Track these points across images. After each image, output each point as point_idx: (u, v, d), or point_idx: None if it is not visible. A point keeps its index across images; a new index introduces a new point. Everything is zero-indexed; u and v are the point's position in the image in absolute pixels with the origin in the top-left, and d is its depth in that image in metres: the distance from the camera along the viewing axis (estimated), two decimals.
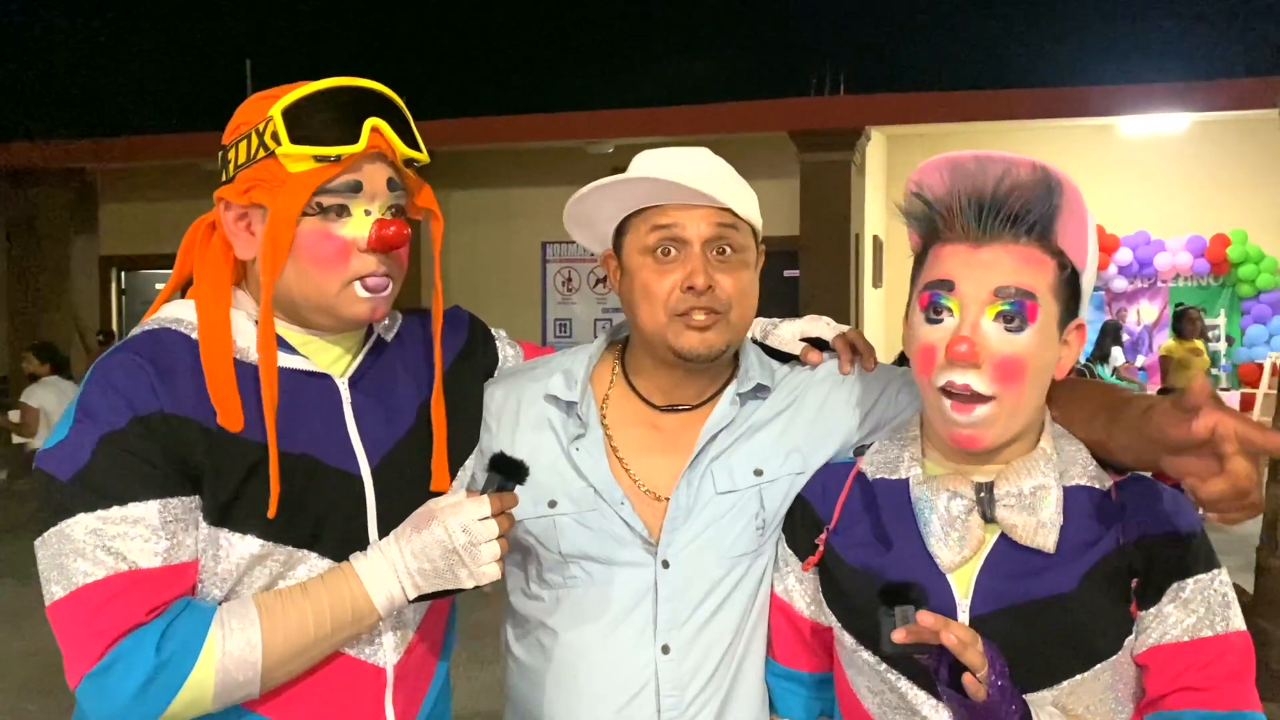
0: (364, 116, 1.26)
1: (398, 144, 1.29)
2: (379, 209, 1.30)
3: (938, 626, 1.11)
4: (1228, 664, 1.21)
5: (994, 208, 1.22)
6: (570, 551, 1.44)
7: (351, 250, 1.28)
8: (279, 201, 1.25)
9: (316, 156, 1.24)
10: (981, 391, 1.21)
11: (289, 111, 1.25)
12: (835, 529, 1.37)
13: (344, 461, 1.31)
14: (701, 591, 1.42)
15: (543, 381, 1.51)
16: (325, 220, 1.27)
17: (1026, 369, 1.21)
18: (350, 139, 1.25)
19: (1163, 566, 1.22)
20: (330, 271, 1.28)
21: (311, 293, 1.29)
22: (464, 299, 7.92)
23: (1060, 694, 1.22)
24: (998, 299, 1.21)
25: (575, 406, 1.48)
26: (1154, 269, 11.47)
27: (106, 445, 1.17)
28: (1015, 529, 1.24)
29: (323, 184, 1.25)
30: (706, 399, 1.49)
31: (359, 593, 1.24)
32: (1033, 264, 1.22)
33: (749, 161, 8.77)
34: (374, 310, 1.32)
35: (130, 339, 1.29)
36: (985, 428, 1.23)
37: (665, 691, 1.40)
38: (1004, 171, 1.22)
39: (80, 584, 1.14)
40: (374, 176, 1.29)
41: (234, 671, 1.17)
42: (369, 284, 1.29)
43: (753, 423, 1.48)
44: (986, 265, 1.22)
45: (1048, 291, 1.22)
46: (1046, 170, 1.21)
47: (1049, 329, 1.23)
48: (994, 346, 1.21)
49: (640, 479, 1.46)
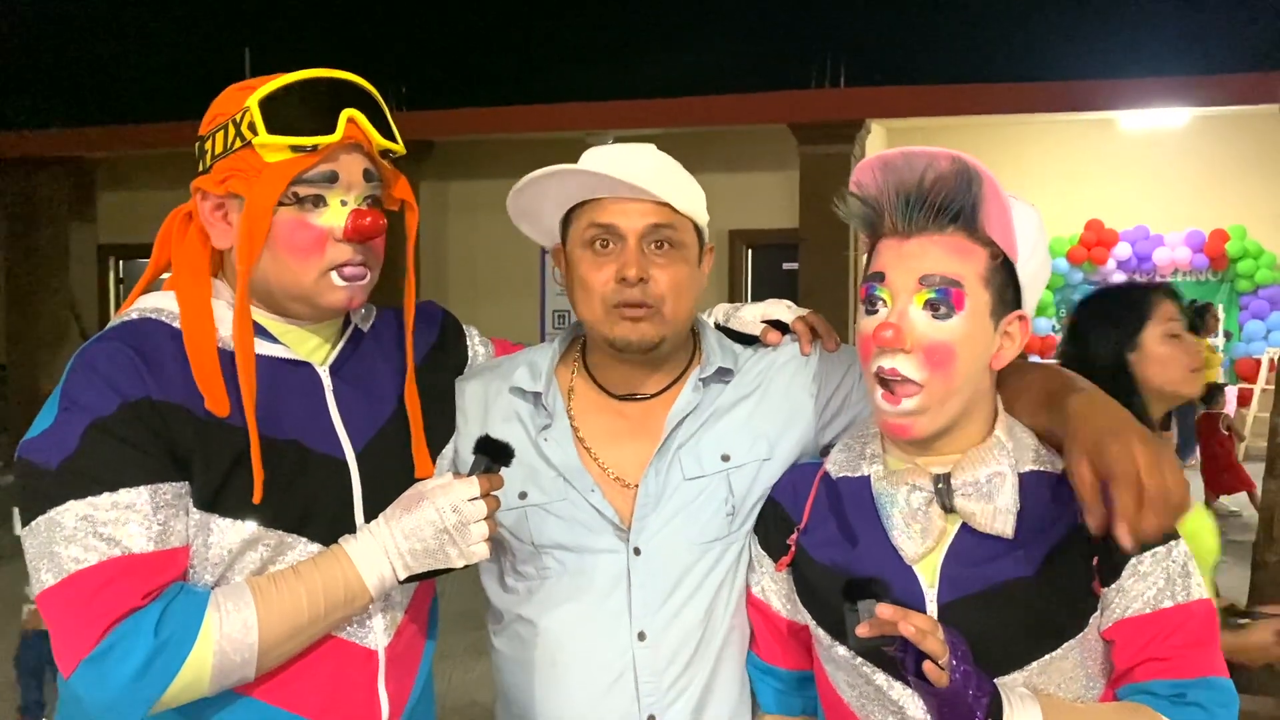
0: (340, 107, 1.28)
1: (374, 134, 1.31)
2: (355, 199, 1.31)
3: (896, 618, 1.13)
4: (1190, 632, 1.25)
5: (919, 200, 1.26)
6: (543, 542, 1.46)
7: (328, 240, 1.29)
8: (255, 191, 1.26)
9: (293, 146, 1.26)
10: (910, 376, 1.25)
11: (266, 102, 1.26)
12: (805, 529, 1.40)
13: (329, 447, 1.33)
14: (674, 578, 1.44)
15: (509, 376, 1.53)
16: (301, 210, 1.28)
17: (955, 355, 1.24)
18: (326, 129, 1.27)
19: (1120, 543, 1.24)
20: (306, 260, 1.29)
21: (289, 282, 1.30)
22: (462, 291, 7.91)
23: (1030, 675, 1.25)
24: (923, 287, 1.24)
25: (541, 397, 1.50)
26: (1153, 264, 11.47)
27: (95, 432, 1.17)
28: (974, 517, 1.27)
29: (299, 174, 1.27)
30: (666, 386, 1.51)
31: (351, 574, 1.26)
32: (959, 253, 1.25)
33: (748, 154, 8.73)
34: (351, 298, 1.33)
35: (111, 328, 1.29)
36: (914, 416, 1.26)
37: (643, 678, 1.42)
38: (927, 165, 1.25)
39: (72, 570, 1.15)
40: (350, 167, 1.30)
41: (231, 653, 1.18)
42: (345, 273, 1.31)
43: (717, 407, 1.50)
44: (914, 255, 1.26)
45: (977, 280, 1.25)
46: (964, 161, 1.24)
47: (979, 317, 1.26)
48: (921, 332, 1.24)
49: (609, 466, 1.47)
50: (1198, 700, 1.23)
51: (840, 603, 1.20)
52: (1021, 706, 1.20)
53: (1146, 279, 11.43)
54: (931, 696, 1.17)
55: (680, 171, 1.50)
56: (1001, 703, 1.18)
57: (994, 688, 1.18)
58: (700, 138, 8.85)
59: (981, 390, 1.30)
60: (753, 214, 9.42)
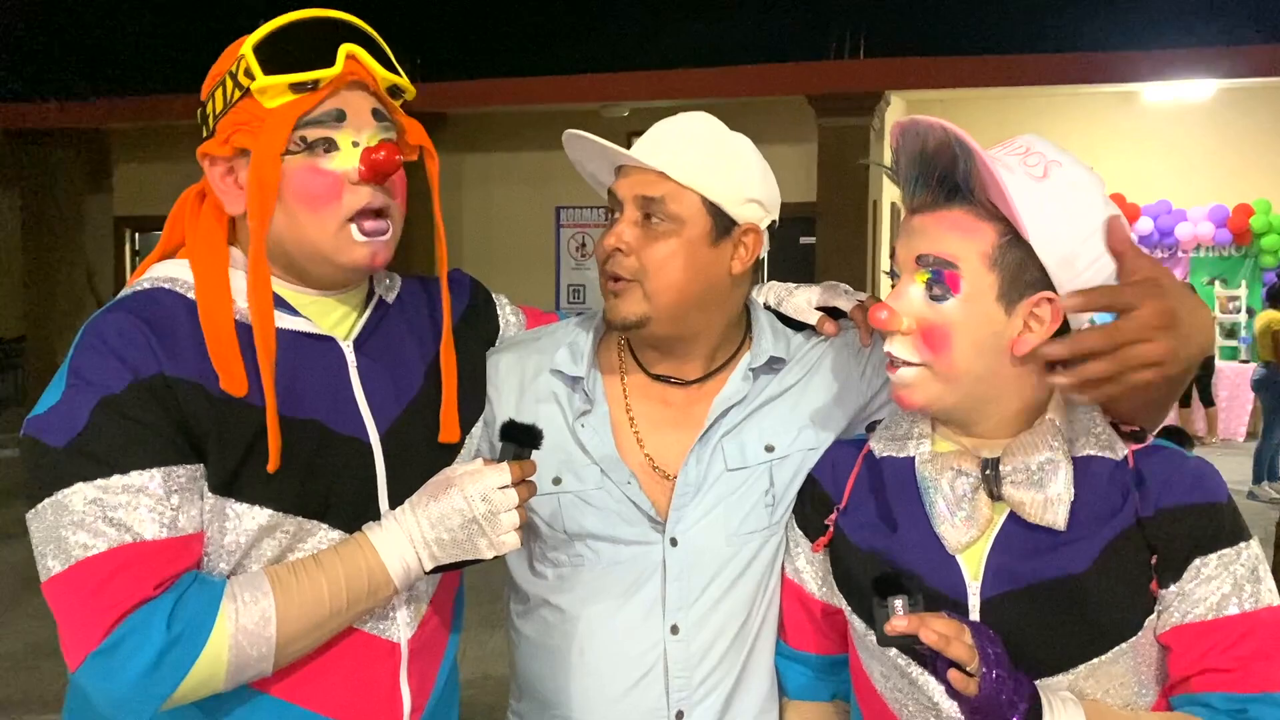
0: (338, 42, 1.21)
1: (377, 69, 1.24)
2: (367, 140, 1.24)
3: (914, 628, 1.07)
4: (1256, 642, 1.14)
5: (921, 175, 1.20)
6: (575, 530, 1.40)
7: (343, 184, 1.22)
8: (260, 141, 1.19)
9: (293, 85, 1.19)
10: (907, 359, 1.20)
11: (260, 46, 1.20)
12: (845, 509, 1.33)
13: (352, 428, 1.26)
14: (710, 571, 1.38)
15: (549, 354, 1.46)
16: (312, 156, 1.21)
17: (950, 338, 1.18)
18: (326, 62, 1.20)
19: (1184, 541, 1.16)
20: (323, 210, 1.21)
21: (306, 240, 1.23)
22: (477, 263, 7.88)
23: (1077, 679, 1.17)
24: (920, 266, 1.19)
25: (581, 382, 1.43)
26: (1175, 239, 11.33)
27: (104, 410, 1.11)
28: (1023, 506, 1.19)
29: (304, 115, 1.20)
30: (713, 372, 1.45)
31: (375, 564, 1.19)
32: (960, 230, 1.17)
33: (766, 125, 8.64)
34: (374, 255, 1.25)
35: (122, 298, 1.22)
36: (913, 388, 1.21)
37: (674, 672, 1.37)
38: (925, 136, 1.18)
39: (80, 558, 1.08)
40: (357, 105, 1.23)
41: (248, 647, 1.11)
42: (366, 227, 1.23)
43: (765, 397, 1.44)
44: (915, 233, 1.21)
45: (979, 260, 1.16)
46: (950, 132, 1.15)
47: (982, 300, 1.17)
48: (918, 313, 1.19)
49: (649, 455, 1.42)
50: (1260, 717, 1.13)
51: (871, 592, 1.14)
52: (1064, 710, 1.12)
53: (1169, 253, 11.33)
54: (964, 699, 1.10)
55: (714, 144, 1.41)
56: (1042, 707, 1.10)
57: (1033, 690, 1.11)
58: (717, 110, 8.76)
59: (1005, 378, 1.20)
60: None
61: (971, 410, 1.23)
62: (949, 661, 1.08)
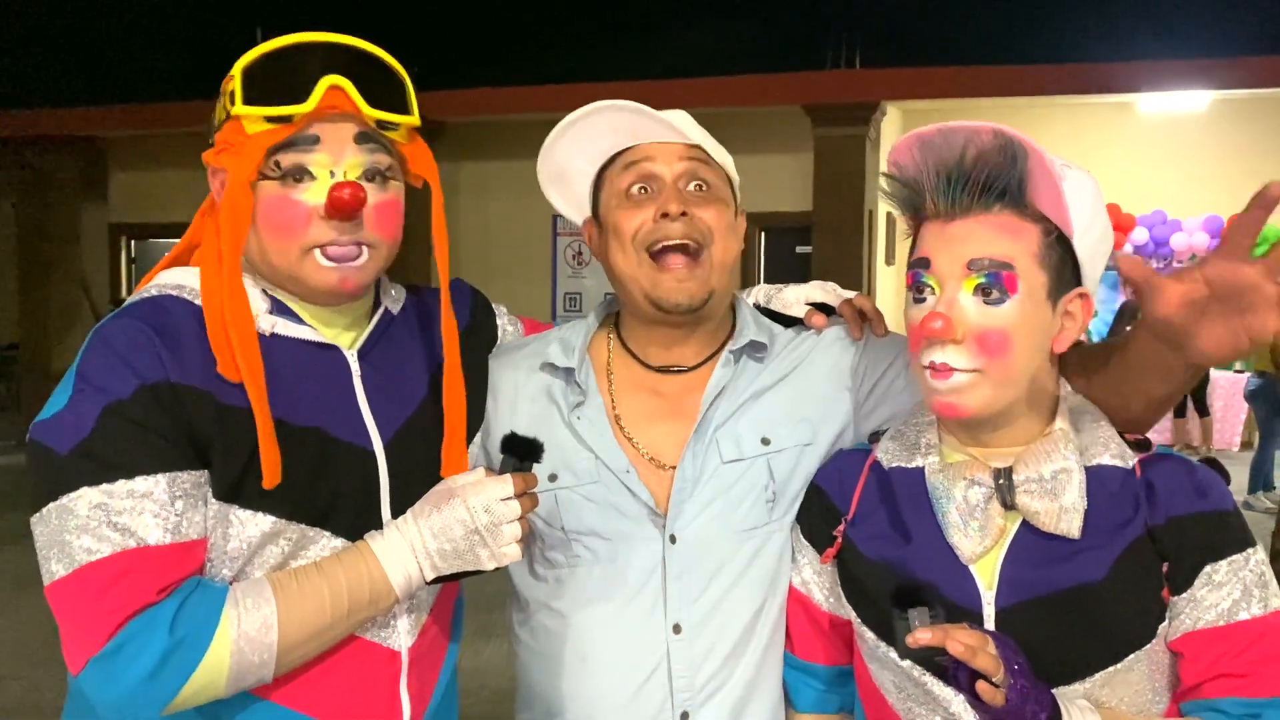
0: (321, 74, 1.19)
1: (361, 104, 1.21)
2: (346, 170, 1.22)
3: (939, 640, 1.06)
4: (1267, 647, 1.15)
5: (960, 179, 1.18)
6: (574, 527, 1.40)
7: (311, 217, 1.21)
8: (235, 164, 1.20)
9: (268, 117, 1.19)
10: (961, 368, 1.17)
11: (248, 70, 1.20)
12: (853, 520, 1.32)
13: (356, 436, 1.26)
14: (712, 568, 1.38)
15: (540, 353, 1.47)
16: (284, 185, 1.21)
17: (1010, 341, 1.16)
18: (301, 98, 1.18)
19: (1194, 548, 1.17)
20: (288, 239, 1.22)
21: (277, 261, 1.24)
22: (474, 272, 7.86)
23: (1093, 687, 1.18)
24: (972, 271, 1.17)
25: (574, 373, 1.44)
26: (1170, 249, 11.36)
27: (111, 415, 1.11)
28: (1037, 516, 1.19)
29: (276, 144, 1.19)
30: (705, 359, 1.45)
31: (377, 573, 1.19)
32: (1009, 232, 1.17)
33: (762, 136, 8.66)
34: (343, 280, 1.24)
35: (130, 305, 1.23)
36: (966, 394, 1.18)
37: (678, 672, 1.36)
38: (966, 141, 1.17)
39: (84, 562, 1.09)
40: (336, 134, 1.21)
41: (249, 653, 1.12)
42: (330, 253, 1.22)
43: (756, 388, 1.44)
44: (959, 238, 1.18)
45: (1030, 260, 1.17)
46: (1007, 135, 1.15)
47: (1035, 298, 1.17)
48: (973, 320, 1.17)
49: (644, 447, 1.42)
50: None
51: (890, 604, 1.13)
52: (1083, 719, 1.12)
53: (1164, 263, 11.36)
54: (985, 712, 1.09)
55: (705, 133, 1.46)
56: (1061, 716, 1.10)
57: (1052, 701, 1.11)
58: (713, 119, 8.76)
59: (1042, 376, 1.22)
60: (766, 197, 9.35)
61: (1008, 413, 1.22)
62: (971, 673, 1.08)
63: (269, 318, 1.26)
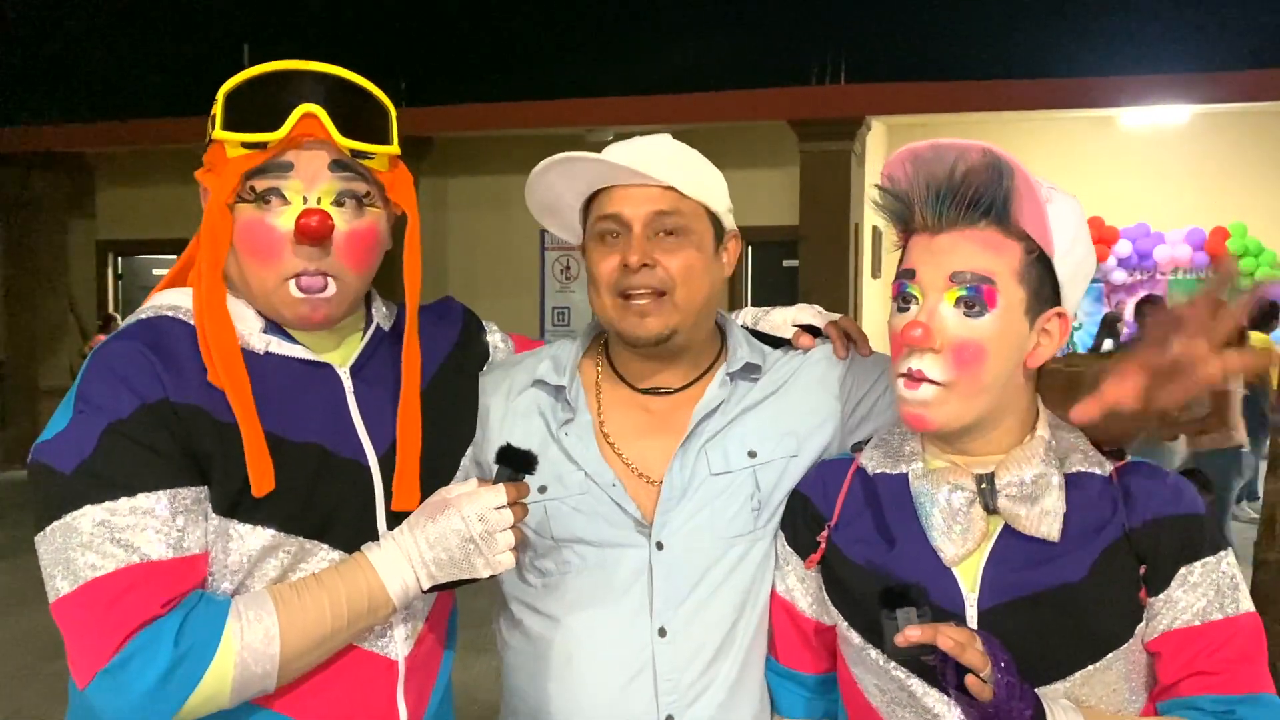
0: (298, 103, 1.22)
1: (334, 133, 1.23)
2: (321, 195, 1.25)
3: (928, 637, 1.10)
4: (1238, 646, 1.21)
5: (949, 194, 1.22)
6: (563, 536, 1.43)
7: (285, 243, 1.24)
8: (214, 186, 1.24)
9: (244, 143, 1.22)
10: (934, 378, 1.21)
11: (230, 95, 1.23)
12: (837, 525, 1.36)
13: (351, 451, 1.29)
14: (697, 573, 1.41)
15: (532, 369, 1.51)
16: (260, 209, 1.24)
17: (985, 354, 1.20)
18: (275, 125, 1.21)
19: (1169, 551, 1.22)
20: (264, 265, 1.25)
21: (255, 287, 1.27)
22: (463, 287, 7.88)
23: (1073, 685, 1.21)
24: (954, 284, 1.21)
25: (564, 391, 1.47)
26: (1153, 261, 11.45)
27: (112, 435, 1.14)
28: (1019, 519, 1.23)
29: (251, 169, 1.22)
30: (692, 381, 1.49)
31: (375, 583, 1.22)
32: (992, 248, 1.21)
33: (749, 150, 8.69)
34: (313, 311, 1.27)
35: (127, 327, 1.26)
36: (932, 408, 1.22)
37: (663, 675, 1.39)
38: (957, 158, 1.21)
39: (89, 578, 1.11)
40: (310, 161, 1.24)
41: (252, 664, 1.14)
42: (301, 284, 1.25)
43: (745, 404, 1.48)
44: (944, 251, 1.22)
45: (1011, 276, 1.21)
46: (995, 154, 1.20)
47: (1013, 314, 1.21)
48: (952, 331, 1.21)
49: (632, 461, 1.45)
50: (1246, 718, 1.19)
51: (876, 606, 1.16)
52: (1065, 717, 1.16)
53: (1147, 276, 11.44)
54: (973, 709, 1.13)
55: (696, 158, 1.47)
56: (1045, 714, 1.14)
57: (1036, 699, 1.14)
58: (700, 134, 8.83)
59: (1015, 389, 1.26)
60: (753, 211, 9.39)
61: (981, 425, 1.26)
62: (959, 670, 1.11)
63: (263, 336, 1.29)
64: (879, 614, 1.15)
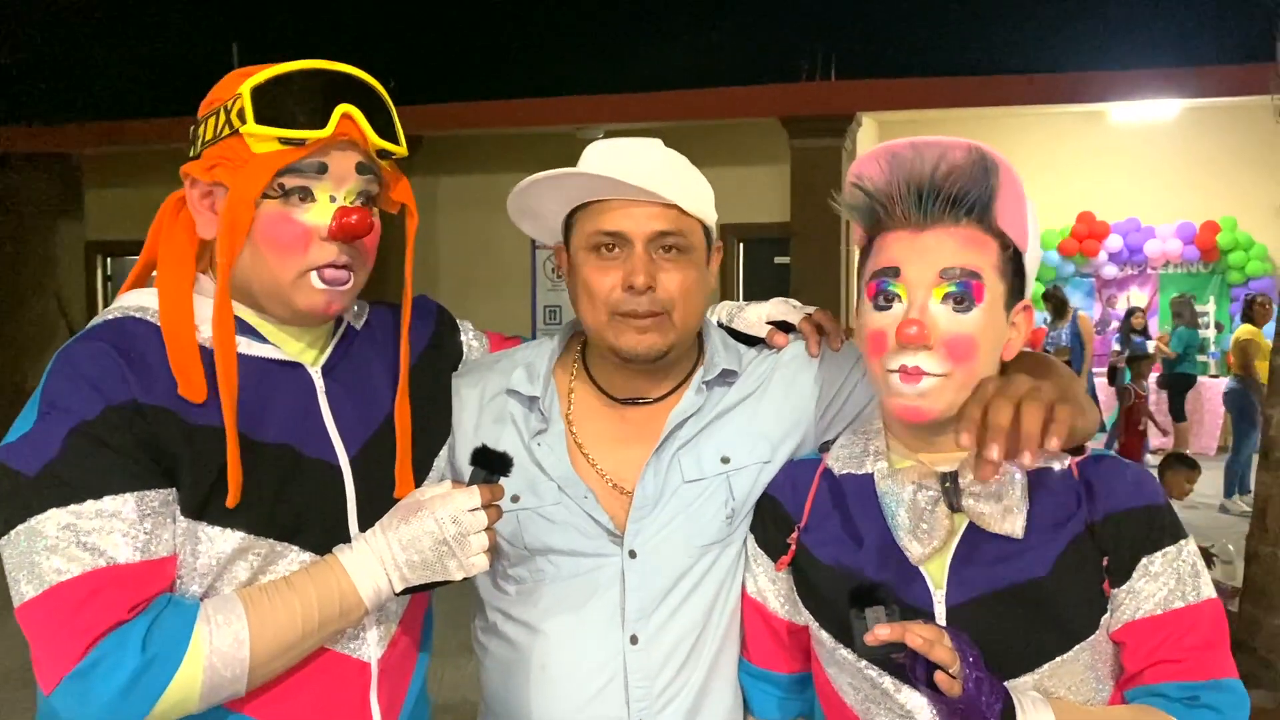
0: (336, 102, 1.22)
1: (370, 134, 1.24)
2: (346, 195, 1.25)
3: (897, 635, 1.11)
4: (1201, 633, 1.23)
5: (933, 192, 1.23)
6: (535, 545, 1.43)
7: (312, 238, 1.23)
8: (239, 182, 1.21)
9: (282, 139, 1.20)
10: (933, 372, 1.22)
11: (259, 90, 1.21)
12: (806, 526, 1.36)
13: (322, 452, 1.28)
14: (669, 581, 1.41)
15: (506, 375, 1.49)
16: (287, 204, 1.22)
17: (977, 347, 1.22)
18: (318, 123, 1.20)
19: (1131, 542, 1.23)
20: (287, 259, 1.23)
21: (266, 279, 1.24)
22: (454, 286, 7.86)
23: (1041, 678, 1.23)
24: (944, 280, 1.22)
25: (537, 401, 1.46)
26: (1144, 256, 11.48)
27: (78, 437, 1.12)
28: (983, 517, 1.24)
29: (285, 165, 1.21)
30: (671, 391, 1.47)
31: (346, 586, 1.20)
32: (975, 245, 1.23)
33: (740, 147, 8.69)
34: (329, 303, 1.26)
35: (92, 328, 1.24)
36: (931, 397, 1.23)
37: (634, 682, 1.39)
38: (940, 156, 1.22)
39: (54, 582, 1.09)
40: (341, 162, 1.24)
41: (221, 669, 1.12)
42: (326, 275, 1.24)
43: (719, 409, 1.47)
44: (931, 248, 1.23)
45: (993, 271, 1.24)
46: (982, 151, 1.21)
47: (996, 308, 1.24)
48: (943, 327, 1.22)
49: (605, 471, 1.44)
50: (1211, 703, 1.20)
51: (846, 606, 1.17)
52: (1034, 711, 1.17)
53: (1138, 270, 11.48)
54: (943, 704, 1.14)
55: (688, 169, 1.45)
56: (1014, 707, 1.15)
57: (1006, 692, 1.15)
58: (691, 132, 8.83)
59: None
60: (744, 208, 9.40)
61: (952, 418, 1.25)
62: (929, 667, 1.12)
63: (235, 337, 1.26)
64: (849, 614, 1.16)
